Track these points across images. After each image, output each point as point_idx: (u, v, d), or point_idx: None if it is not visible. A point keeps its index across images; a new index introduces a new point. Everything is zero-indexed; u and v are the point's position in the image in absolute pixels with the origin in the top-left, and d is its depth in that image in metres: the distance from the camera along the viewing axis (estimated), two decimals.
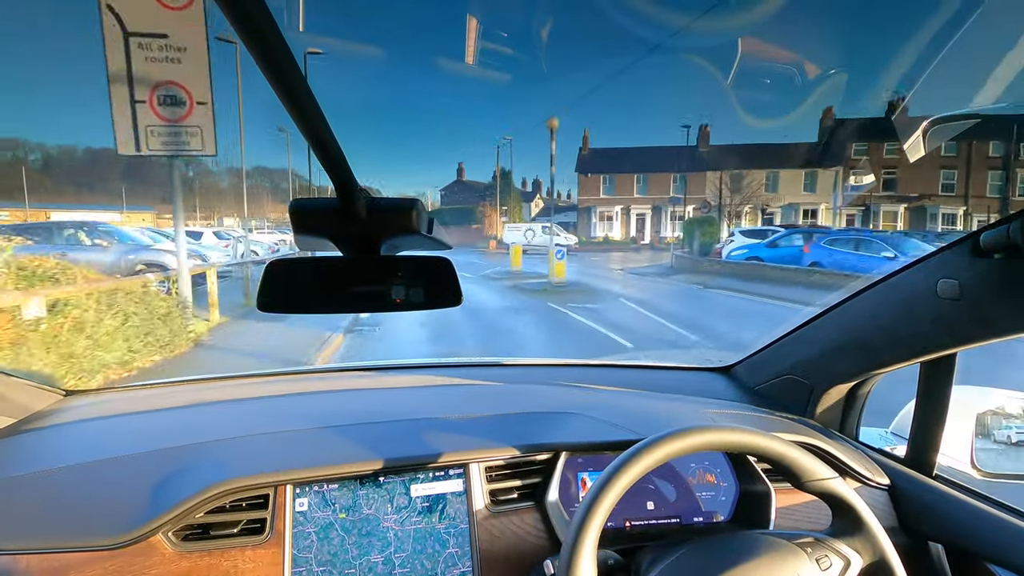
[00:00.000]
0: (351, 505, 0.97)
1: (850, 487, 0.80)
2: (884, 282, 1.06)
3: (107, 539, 0.86)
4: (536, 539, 1.02)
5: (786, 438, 0.82)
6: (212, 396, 1.39)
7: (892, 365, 1.11)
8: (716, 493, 1.13)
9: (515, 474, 1.06)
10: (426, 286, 0.68)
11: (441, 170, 69.15)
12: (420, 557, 0.96)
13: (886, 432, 1.32)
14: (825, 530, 0.81)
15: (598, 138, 43.03)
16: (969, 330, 0.91)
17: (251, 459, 1.00)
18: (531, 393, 1.41)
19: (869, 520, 0.77)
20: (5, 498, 0.92)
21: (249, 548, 0.92)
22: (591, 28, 35.12)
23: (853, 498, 0.78)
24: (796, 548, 0.76)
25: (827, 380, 1.27)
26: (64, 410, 1.26)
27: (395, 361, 1.68)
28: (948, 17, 0.84)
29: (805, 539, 0.78)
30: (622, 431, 1.13)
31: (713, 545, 0.79)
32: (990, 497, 1.03)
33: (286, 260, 0.67)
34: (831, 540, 0.78)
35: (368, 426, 1.13)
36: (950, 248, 0.90)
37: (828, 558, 0.75)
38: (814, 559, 0.75)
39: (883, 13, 1.01)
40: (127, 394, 1.38)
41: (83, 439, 1.11)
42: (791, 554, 0.75)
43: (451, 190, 52.48)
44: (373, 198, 0.62)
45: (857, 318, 1.14)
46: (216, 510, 0.93)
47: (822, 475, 0.79)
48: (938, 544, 1.05)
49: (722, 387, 1.53)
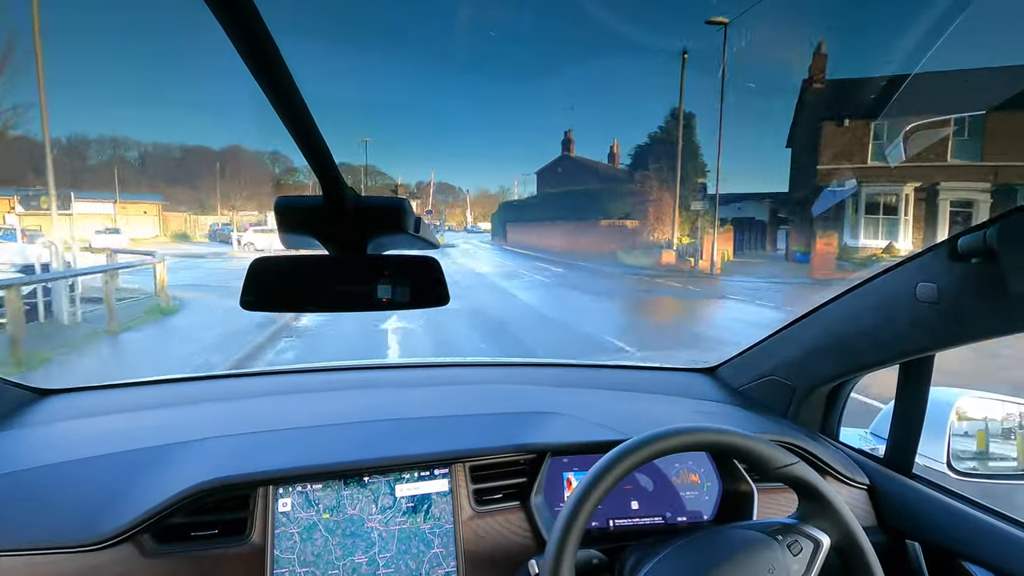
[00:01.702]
0: (335, 505, 0.96)
1: (809, 469, 0.81)
2: (865, 285, 1.08)
3: (83, 540, 0.85)
4: (521, 539, 1.02)
5: (768, 438, 0.83)
6: (191, 395, 1.36)
7: (872, 367, 1.13)
8: (700, 493, 1.14)
9: (500, 474, 1.06)
10: (413, 285, 0.67)
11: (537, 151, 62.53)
12: (405, 557, 0.96)
13: (866, 432, 1.35)
14: (792, 515, 0.83)
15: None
16: (947, 332, 0.93)
17: (232, 459, 0.98)
18: (517, 393, 1.41)
19: (833, 499, 0.79)
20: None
21: (231, 549, 0.91)
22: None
23: (815, 479, 0.80)
24: (768, 538, 0.78)
25: (809, 381, 1.29)
26: (39, 410, 1.23)
27: (381, 360, 1.67)
28: None
29: (775, 527, 0.80)
30: (607, 431, 1.14)
31: (694, 543, 0.80)
32: (965, 496, 1.05)
33: (270, 257, 0.66)
34: (799, 525, 0.80)
35: (352, 426, 1.12)
36: (929, 252, 0.92)
37: (799, 543, 0.78)
38: (785, 546, 0.77)
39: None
40: (104, 393, 1.35)
41: (58, 439, 1.09)
42: (764, 545, 0.77)
43: (553, 171, 35.93)
44: (360, 196, 0.62)
45: (838, 321, 1.16)
46: (196, 511, 0.92)
47: (784, 461, 0.80)
48: (915, 542, 1.07)
49: (706, 388, 1.54)
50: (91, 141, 45.68)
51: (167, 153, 50.91)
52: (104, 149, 46.08)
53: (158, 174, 44.12)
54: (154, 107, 64.46)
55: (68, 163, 38.65)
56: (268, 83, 0.44)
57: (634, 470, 0.78)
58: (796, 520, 0.81)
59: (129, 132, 51.96)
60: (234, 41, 0.40)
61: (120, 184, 35.30)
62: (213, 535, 0.92)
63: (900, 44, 3.80)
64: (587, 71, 58.28)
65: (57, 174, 10.86)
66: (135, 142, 49.90)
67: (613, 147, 36.59)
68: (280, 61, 0.43)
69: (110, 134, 47.42)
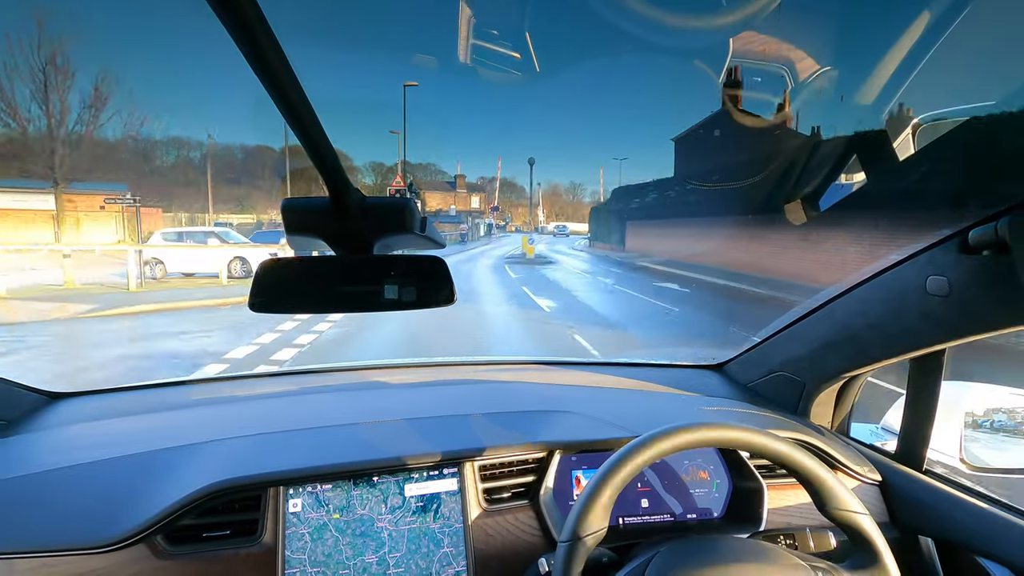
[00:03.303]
0: (345, 505, 0.97)
1: (874, 524, 0.78)
2: (874, 279, 1.07)
3: (96, 542, 0.85)
4: (531, 537, 1.02)
5: (780, 435, 0.82)
6: (202, 397, 1.37)
7: (882, 361, 1.12)
8: (709, 490, 1.13)
9: (509, 473, 1.06)
10: (419, 285, 0.67)
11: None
12: (415, 557, 0.96)
13: (877, 428, 1.34)
14: (843, 563, 0.79)
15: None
16: (958, 326, 0.92)
17: (243, 460, 0.99)
18: (525, 391, 1.41)
19: (887, 559, 0.76)
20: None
21: (242, 550, 0.92)
22: None
23: (877, 538, 0.77)
24: (811, 569, 0.74)
25: (818, 377, 1.28)
26: (52, 413, 1.24)
27: (388, 361, 1.67)
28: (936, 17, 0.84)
29: (819, 564, 0.76)
30: (616, 429, 1.13)
31: (726, 546, 0.78)
32: (979, 491, 1.04)
33: (278, 259, 0.67)
34: (847, 571, 0.76)
35: (361, 426, 1.13)
36: (939, 245, 0.91)
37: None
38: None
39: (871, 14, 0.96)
40: (115, 396, 1.37)
41: (71, 442, 1.10)
42: (804, 573, 0.74)
43: (707, 134, 20.55)
44: (365, 197, 0.62)
45: (847, 315, 1.15)
46: (208, 512, 0.93)
47: (852, 508, 0.77)
48: (928, 538, 1.06)
49: (715, 384, 1.53)
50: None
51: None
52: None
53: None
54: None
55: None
56: (274, 90, 0.45)
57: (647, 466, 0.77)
58: (846, 568, 0.77)
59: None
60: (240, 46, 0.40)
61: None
62: (225, 536, 0.93)
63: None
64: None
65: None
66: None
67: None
68: (286, 66, 0.44)
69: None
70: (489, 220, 46.17)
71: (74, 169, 19.16)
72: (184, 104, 55.56)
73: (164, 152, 38.22)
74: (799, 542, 0.87)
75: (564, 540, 0.74)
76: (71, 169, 18.92)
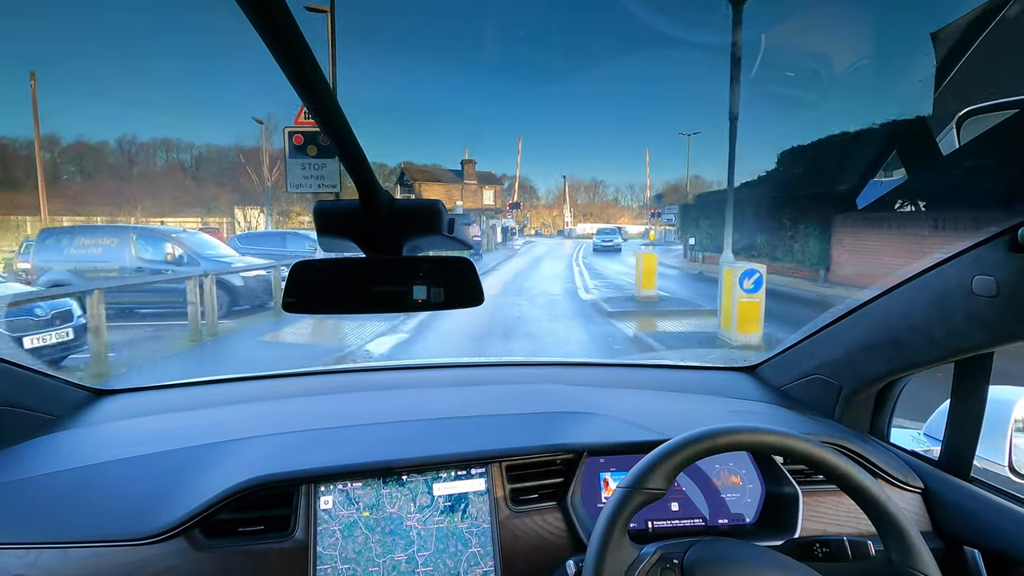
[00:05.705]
0: (375, 504, 0.98)
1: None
2: (916, 279, 1.03)
3: (139, 534, 0.89)
4: (558, 539, 1.02)
5: (816, 439, 0.79)
6: (237, 395, 1.41)
7: (924, 365, 1.08)
8: (742, 495, 1.11)
9: (537, 474, 1.06)
10: (447, 286, 0.68)
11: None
12: (443, 556, 0.97)
13: (919, 434, 1.29)
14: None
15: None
16: (1006, 328, 0.88)
17: (277, 457, 1.01)
18: (553, 393, 1.41)
19: None
20: (37, 495, 0.95)
21: (275, 545, 0.94)
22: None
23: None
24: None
25: (856, 380, 1.24)
26: (97, 409, 1.29)
27: (419, 361, 1.69)
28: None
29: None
30: (645, 431, 1.12)
31: (765, 556, 0.76)
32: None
33: (310, 261, 0.68)
34: None
35: (391, 425, 1.14)
36: (985, 243, 0.87)
37: None
38: None
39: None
40: (156, 394, 1.42)
41: (116, 438, 1.15)
42: None
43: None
44: (395, 199, 0.63)
45: (887, 316, 1.11)
46: (243, 507, 0.95)
47: (916, 567, 0.73)
48: (974, 548, 1.02)
49: (747, 387, 1.50)
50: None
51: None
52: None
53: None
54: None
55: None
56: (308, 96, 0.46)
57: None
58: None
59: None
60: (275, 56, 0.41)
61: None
62: (259, 531, 0.95)
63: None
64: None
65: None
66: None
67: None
68: (319, 73, 0.45)
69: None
70: (507, 222, 38.05)
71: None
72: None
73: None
74: (836, 551, 0.84)
75: (624, 486, 0.76)
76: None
